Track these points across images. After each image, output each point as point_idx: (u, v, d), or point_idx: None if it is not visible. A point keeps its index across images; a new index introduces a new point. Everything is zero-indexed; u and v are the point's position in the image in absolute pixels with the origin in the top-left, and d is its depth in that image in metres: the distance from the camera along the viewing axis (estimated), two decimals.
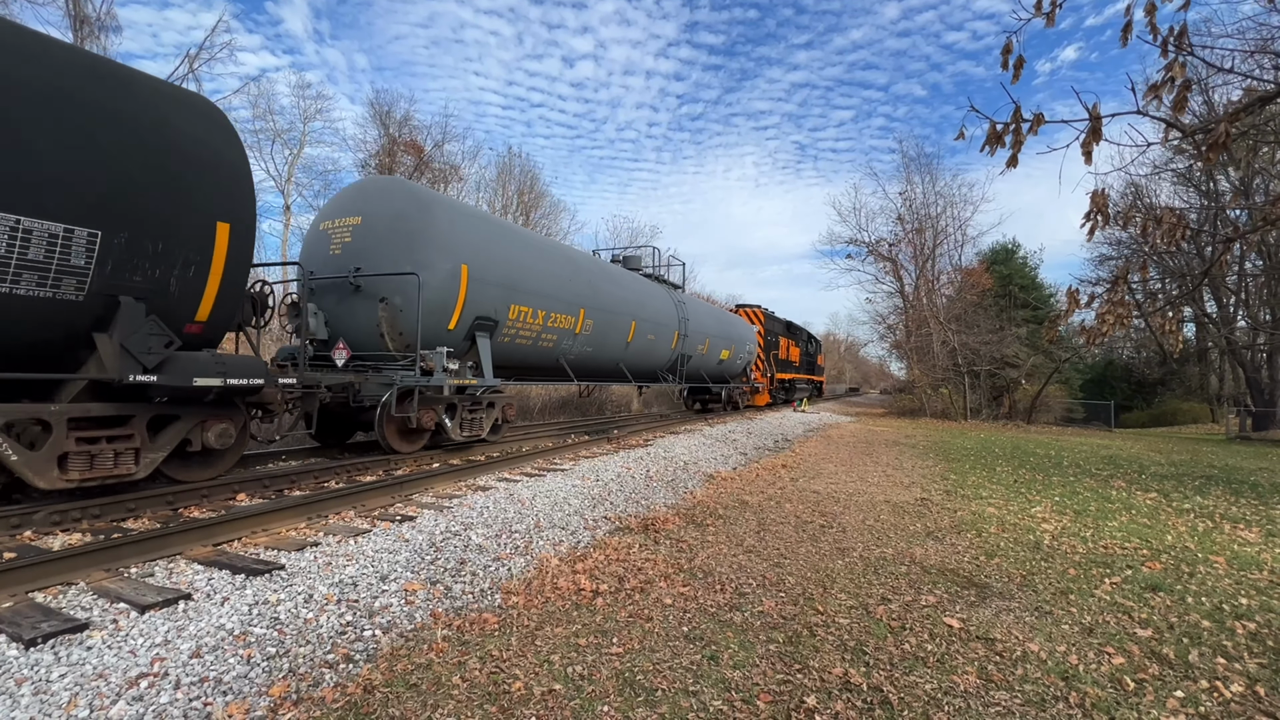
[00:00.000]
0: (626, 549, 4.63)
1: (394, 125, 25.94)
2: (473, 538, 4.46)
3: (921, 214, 32.53)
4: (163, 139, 4.42)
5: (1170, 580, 4.33)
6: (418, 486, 5.81)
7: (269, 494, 5.49)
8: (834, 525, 5.70)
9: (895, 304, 35.58)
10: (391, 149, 25.68)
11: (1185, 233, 3.47)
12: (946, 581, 4.15)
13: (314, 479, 6.05)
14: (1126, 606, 3.78)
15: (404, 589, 3.51)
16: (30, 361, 4.17)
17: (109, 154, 4.11)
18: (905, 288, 33.85)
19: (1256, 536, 5.82)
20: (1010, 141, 2.91)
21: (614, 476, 7.14)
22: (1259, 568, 4.72)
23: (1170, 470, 11.04)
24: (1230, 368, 31.81)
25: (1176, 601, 3.91)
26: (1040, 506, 6.92)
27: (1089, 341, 4.03)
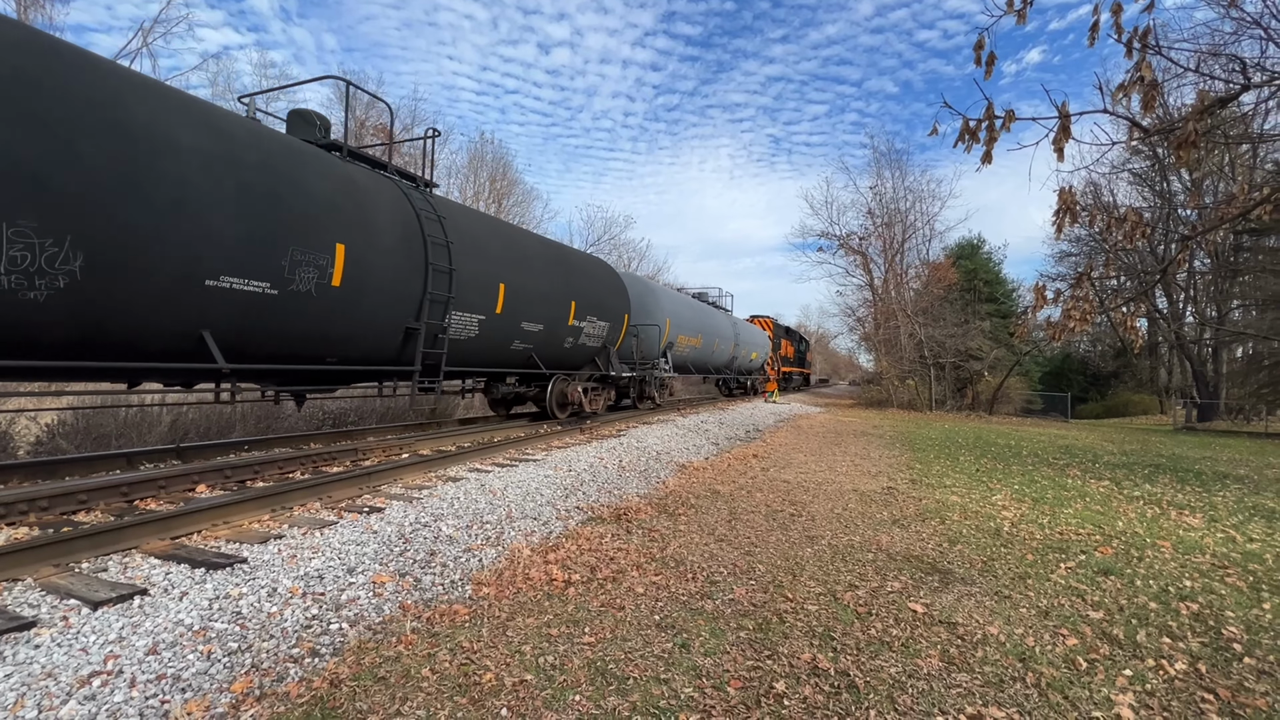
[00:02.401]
0: (599, 539, 4.64)
1: (360, 107, 25.23)
2: (443, 529, 4.41)
3: (891, 209, 33.13)
4: None
5: (1121, 564, 4.52)
6: (386, 477, 5.71)
7: (230, 485, 5.33)
8: (803, 514, 5.79)
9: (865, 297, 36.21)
10: (359, 132, 24.98)
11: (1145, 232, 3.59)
12: (911, 568, 4.26)
13: (278, 470, 5.89)
14: (1080, 590, 3.94)
15: (372, 581, 3.45)
16: None
17: None
18: (874, 281, 34.47)
19: (1199, 522, 6.11)
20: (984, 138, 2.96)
21: (587, 466, 7.13)
22: (1201, 551, 4.96)
23: (1122, 460, 11.50)
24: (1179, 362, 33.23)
25: (1126, 584, 4.08)
26: (1001, 495, 7.14)
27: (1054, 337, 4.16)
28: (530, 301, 8.47)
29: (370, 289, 5.81)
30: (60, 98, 3.73)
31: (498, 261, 7.86)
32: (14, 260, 3.54)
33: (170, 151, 4.23)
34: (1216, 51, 6.39)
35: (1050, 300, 4.19)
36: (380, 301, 5.99)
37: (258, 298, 4.84)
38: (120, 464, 5.80)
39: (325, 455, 6.53)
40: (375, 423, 11.27)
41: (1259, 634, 3.36)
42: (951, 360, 27.65)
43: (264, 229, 4.82)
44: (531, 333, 8.66)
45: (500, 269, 7.87)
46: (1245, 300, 26.95)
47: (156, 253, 4.15)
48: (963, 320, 28.62)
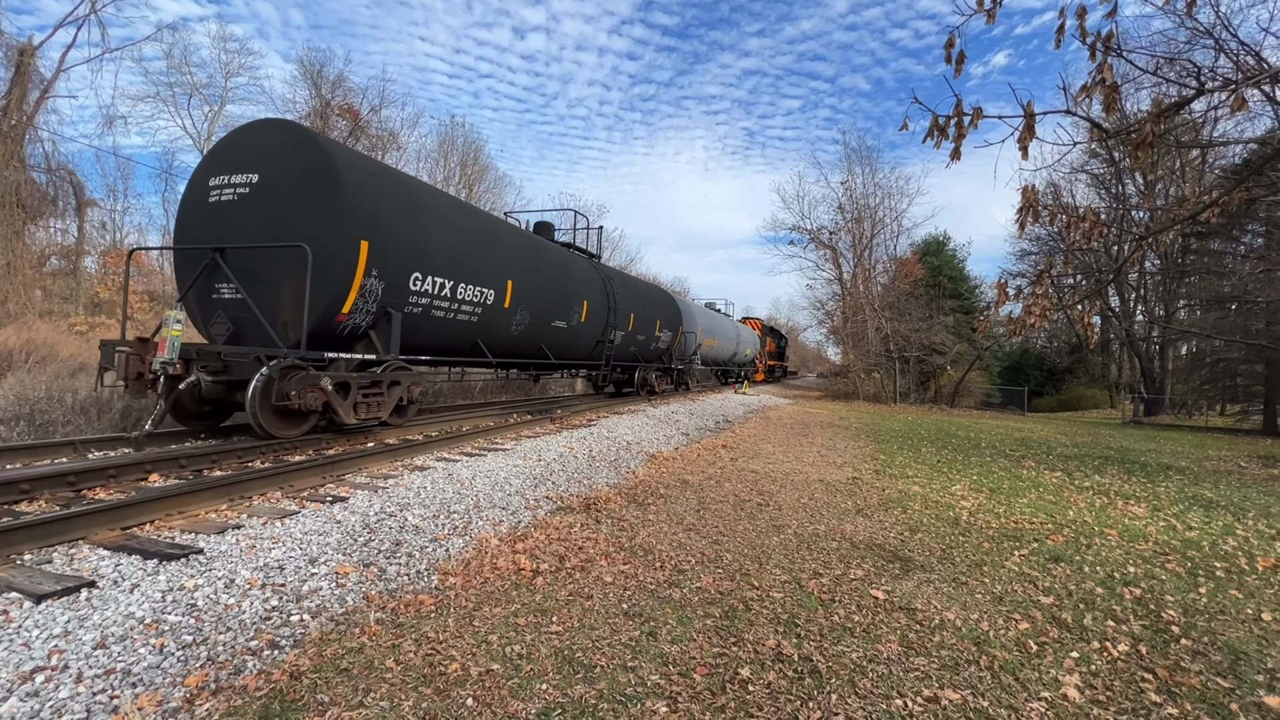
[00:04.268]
0: (568, 528, 4.63)
1: (326, 86, 24.45)
2: (409, 518, 4.35)
3: (861, 204, 33.64)
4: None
5: (1070, 552, 4.71)
6: (350, 466, 5.60)
7: (186, 474, 5.15)
8: (770, 503, 5.88)
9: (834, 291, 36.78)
10: (324, 111, 24.22)
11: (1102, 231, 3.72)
12: (874, 556, 4.36)
13: (236, 458, 5.71)
14: (1032, 576, 4.09)
15: (335, 572, 3.38)
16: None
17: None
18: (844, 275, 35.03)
19: (1144, 511, 6.40)
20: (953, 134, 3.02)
21: (556, 456, 7.10)
22: (1145, 539, 5.20)
23: (1074, 452, 11.97)
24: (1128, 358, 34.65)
25: (1075, 571, 4.26)
26: (960, 485, 7.36)
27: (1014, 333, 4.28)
28: (642, 322, 14.41)
29: (590, 323, 11.59)
30: (492, 231, 8.70)
31: (628, 300, 13.69)
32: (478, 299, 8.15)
33: (502, 246, 8.81)
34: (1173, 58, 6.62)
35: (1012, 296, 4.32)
36: (592, 327, 11.78)
37: (563, 330, 10.60)
38: (67, 452, 5.55)
39: (287, 443, 6.35)
40: None
41: (1195, 617, 3.54)
42: (916, 354, 28.32)
43: (567, 295, 10.55)
44: (639, 340, 14.56)
45: (630, 304, 13.74)
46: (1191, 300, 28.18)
47: (536, 308, 9.46)
48: (927, 315, 29.29)
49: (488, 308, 8.43)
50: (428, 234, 7.21)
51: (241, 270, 6.16)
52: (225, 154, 6.40)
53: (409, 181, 7.44)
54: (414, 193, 7.28)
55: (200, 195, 6.40)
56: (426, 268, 7.17)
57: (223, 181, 6.29)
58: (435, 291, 7.39)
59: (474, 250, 8.11)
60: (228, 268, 6.13)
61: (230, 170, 6.26)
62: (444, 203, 7.95)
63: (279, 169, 6.09)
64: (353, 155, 6.61)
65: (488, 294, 8.36)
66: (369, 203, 6.33)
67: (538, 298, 9.69)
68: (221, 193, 6.26)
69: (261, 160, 6.17)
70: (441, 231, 7.49)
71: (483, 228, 8.58)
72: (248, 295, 6.01)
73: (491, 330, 8.71)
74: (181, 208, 6.54)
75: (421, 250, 7.08)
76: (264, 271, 6.10)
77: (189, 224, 6.47)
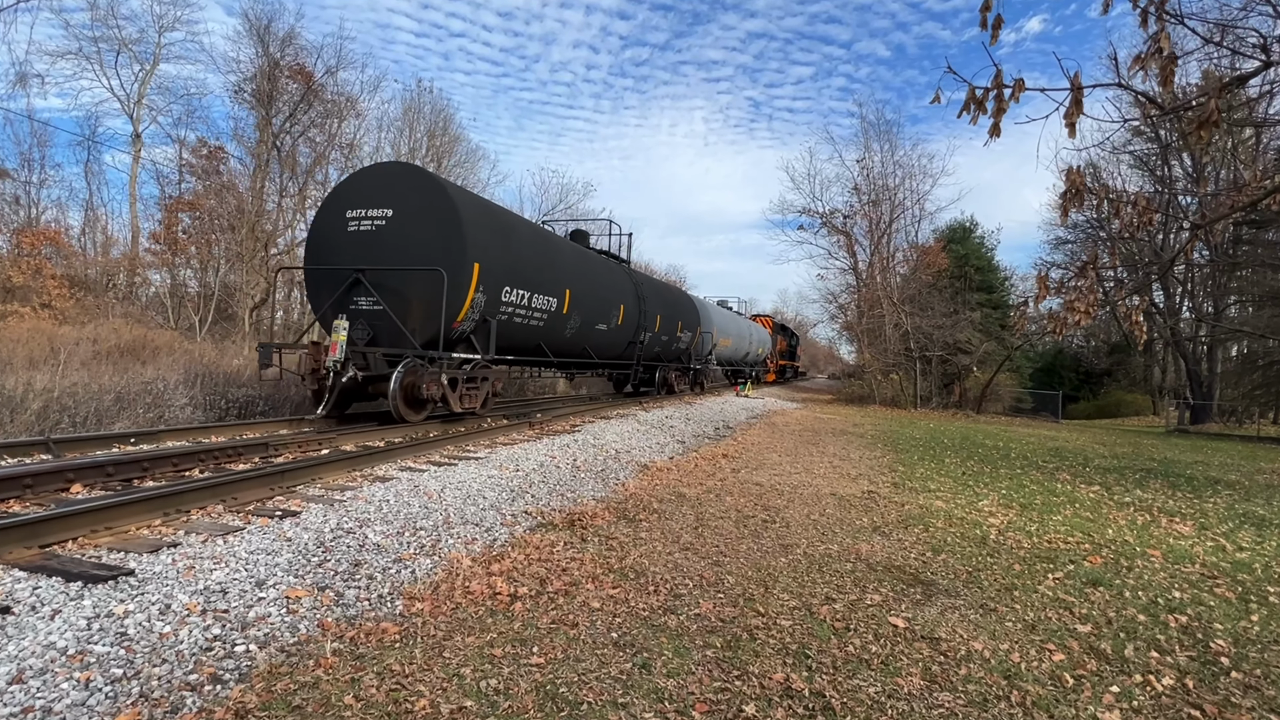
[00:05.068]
0: (550, 547, 4.63)
1: (275, 44, 24.20)
2: (370, 536, 4.33)
3: (879, 185, 33.78)
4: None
5: (1110, 575, 4.77)
6: (302, 476, 5.56)
7: (114, 485, 5.10)
8: (777, 520, 5.91)
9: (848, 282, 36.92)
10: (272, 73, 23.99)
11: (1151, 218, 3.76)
12: (892, 579, 4.40)
13: (172, 466, 5.67)
14: (1068, 602, 4.14)
15: (285, 596, 3.36)
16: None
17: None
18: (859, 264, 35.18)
19: (1190, 530, 6.50)
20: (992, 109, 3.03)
21: (536, 466, 7.10)
22: (1191, 561, 5.28)
23: (1113, 463, 12.12)
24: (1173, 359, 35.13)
25: (1115, 596, 4.32)
26: (987, 500, 7.44)
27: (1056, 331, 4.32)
28: (667, 323, 16.83)
29: (625, 325, 13.75)
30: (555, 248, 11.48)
31: (655, 302, 15.99)
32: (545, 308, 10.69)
33: (561, 258, 11.23)
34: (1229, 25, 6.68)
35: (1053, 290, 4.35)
36: (627, 329, 14.04)
37: (605, 332, 12.74)
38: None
39: (229, 450, 6.31)
40: (290, 412, 10.94)
41: (1246, 647, 3.60)
42: (939, 354, 28.52)
43: (607, 300, 12.64)
44: (663, 341, 16.93)
45: (657, 306, 16.05)
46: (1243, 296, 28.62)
47: (585, 313, 11.84)
48: (952, 310, 29.49)
49: (551, 314, 10.92)
50: (514, 253, 9.74)
51: (379, 286, 8.52)
52: (357, 191, 8.88)
53: (498, 209, 10.38)
54: (502, 218, 10.08)
55: (338, 224, 8.84)
56: (514, 282, 9.67)
57: (360, 214, 8.74)
58: (518, 301, 9.89)
59: (544, 264, 10.68)
60: (369, 284, 8.51)
61: (366, 205, 8.73)
62: (521, 224, 10.88)
63: (409, 205, 8.55)
64: (466, 193, 9.50)
65: (552, 301, 10.88)
66: (477, 231, 8.78)
67: (587, 303, 12.12)
68: (360, 224, 8.74)
69: (394, 198, 8.62)
70: (522, 249, 10.04)
71: (547, 243, 11.27)
72: (387, 306, 8.39)
73: (552, 333, 11.28)
74: (317, 234, 9.09)
75: (510, 267, 9.54)
76: (398, 287, 8.48)
77: (329, 247, 8.90)
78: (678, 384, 19.49)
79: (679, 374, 19.63)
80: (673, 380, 18.98)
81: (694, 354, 20.15)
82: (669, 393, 18.62)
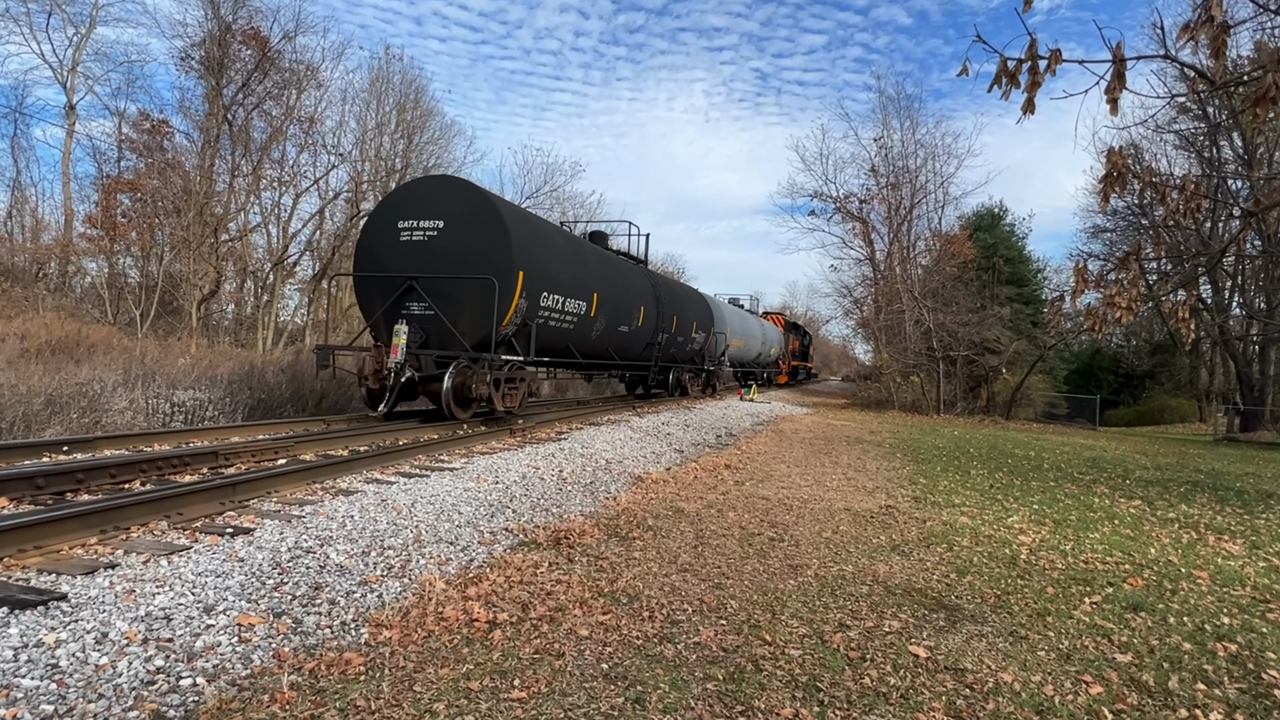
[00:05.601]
0: (533, 568, 4.63)
1: (226, 5, 24.10)
2: (331, 556, 4.31)
3: (899, 166, 33.96)
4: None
5: (1152, 598, 4.80)
6: (257, 489, 5.54)
7: (44, 498, 5.07)
8: (785, 538, 5.92)
9: (864, 274, 37.13)
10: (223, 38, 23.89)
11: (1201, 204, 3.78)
12: (913, 603, 4.42)
13: (110, 478, 5.63)
14: (1106, 629, 4.17)
15: (237, 623, 3.35)
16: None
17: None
18: (876, 255, 35.36)
19: (1240, 549, 6.55)
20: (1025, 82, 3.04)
21: (518, 478, 7.09)
22: (1241, 583, 5.32)
23: (1155, 475, 12.21)
24: (1221, 361, 35.38)
25: (1158, 622, 4.35)
26: (1018, 516, 7.48)
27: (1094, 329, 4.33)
28: (682, 324, 18.14)
29: (644, 326, 15.01)
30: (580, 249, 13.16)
31: (672, 303, 17.37)
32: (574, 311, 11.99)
33: (589, 262, 12.88)
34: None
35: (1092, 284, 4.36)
36: (646, 330, 15.35)
37: (626, 333, 14.28)
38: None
39: (174, 460, 6.28)
40: (243, 418, 10.91)
41: None
42: (964, 353, 28.66)
43: (630, 302, 14.26)
44: (679, 342, 18.30)
45: (674, 307, 17.39)
46: None
47: (609, 315, 13.34)
48: (979, 305, 29.65)
49: (581, 316, 12.34)
50: (550, 260, 11.26)
51: (431, 292, 9.96)
52: (408, 202, 10.38)
53: (536, 219, 12.29)
54: (540, 227, 11.79)
55: (391, 234, 10.31)
56: (551, 287, 11.08)
57: (412, 225, 10.21)
58: (554, 305, 11.33)
59: (576, 269, 12.20)
60: (421, 290, 9.97)
61: (418, 216, 10.21)
62: (554, 231, 12.59)
63: (459, 216, 10.06)
64: (510, 205, 11.40)
65: (582, 305, 12.26)
66: (521, 241, 10.22)
67: (612, 305, 13.56)
68: (412, 234, 10.21)
69: (444, 210, 10.12)
70: (555, 256, 11.56)
71: (576, 248, 12.88)
72: (439, 311, 9.82)
73: (581, 335, 12.70)
74: (368, 243, 10.59)
75: (547, 274, 10.98)
76: (449, 294, 9.92)
77: (380, 255, 10.37)
78: (691, 385, 21.01)
79: (692, 375, 21.17)
80: (686, 382, 20.50)
81: (707, 355, 21.66)
82: (682, 394, 20.25)
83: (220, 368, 13.31)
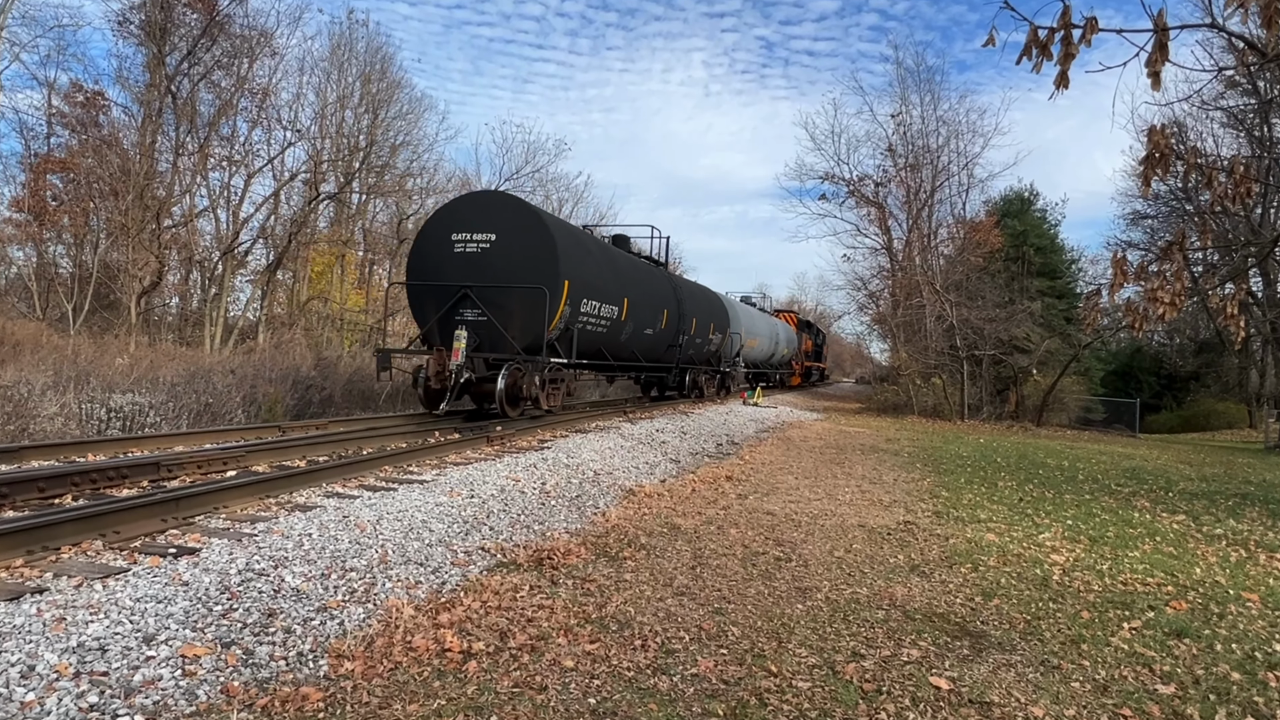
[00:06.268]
0: (512, 592, 4.62)
1: None
2: (287, 578, 4.30)
3: (918, 145, 34.14)
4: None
5: (1198, 623, 4.83)
6: (203, 504, 5.52)
7: None
8: (793, 558, 5.94)
9: (880, 264, 37.27)
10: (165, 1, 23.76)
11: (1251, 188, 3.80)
12: (934, 630, 4.43)
13: (37, 491, 5.60)
14: (1147, 657, 4.19)
15: (180, 655, 3.33)
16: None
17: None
18: (893, 243, 35.47)
19: None
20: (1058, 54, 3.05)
21: (496, 491, 7.08)
22: None
23: (1201, 487, 12.30)
24: (1274, 361, 35.64)
25: (1204, 649, 4.37)
26: (1050, 532, 7.51)
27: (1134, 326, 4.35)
28: (701, 326, 20.00)
29: (667, 328, 17.36)
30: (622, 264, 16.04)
31: (691, 304, 19.27)
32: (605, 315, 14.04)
33: (621, 269, 15.34)
34: None
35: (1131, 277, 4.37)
36: (669, 332, 17.63)
37: (650, 336, 16.53)
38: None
39: (110, 471, 6.25)
40: (189, 425, 10.86)
41: None
42: (991, 353, 28.78)
43: (655, 305, 16.57)
44: (697, 343, 20.12)
45: (693, 309, 19.37)
46: None
47: (637, 318, 15.42)
48: (1007, 300, 29.74)
49: (613, 320, 14.40)
50: (590, 268, 13.28)
51: (483, 299, 11.89)
52: (461, 216, 12.46)
53: (578, 230, 15.02)
54: (580, 238, 14.17)
55: (445, 245, 12.29)
56: (591, 294, 13.14)
57: (465, 237, 12.17)
58: (592, 311, 13.39)
59: (610, 275, 14.39)
60: (475, 298, 11.91)
61: (471, 229, 12.18)
62: (591, 241, 14.99)
63: (510, 229, 12.06)
64: (556, 219, 14.00)
65: (614, 309, 14.32)
66: (566, 252, 12.21)
67: (640, 309, 15.62)
68: (466, 245, 12.17)
69: (496, 223, 12.11)
70: (594, 264, 13.66)
71: (610, 256, 15.18)
72: (492, 318, 11.75)
73: (612, 338, 14.77)
74: (422, 254, 12.69)
75: (587, 281, 12.98)
76: (502, 301, 11.89)
77: (434, 265, 12.36)
78: (706, 387, 23.03)
79: (708, 377, 23.27)
80: (703, 383, 22.57)
81: (723, 356, 23.83)
82: (699, 396, 22.33)
83: (163, 369, 13.27)
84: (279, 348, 19.33)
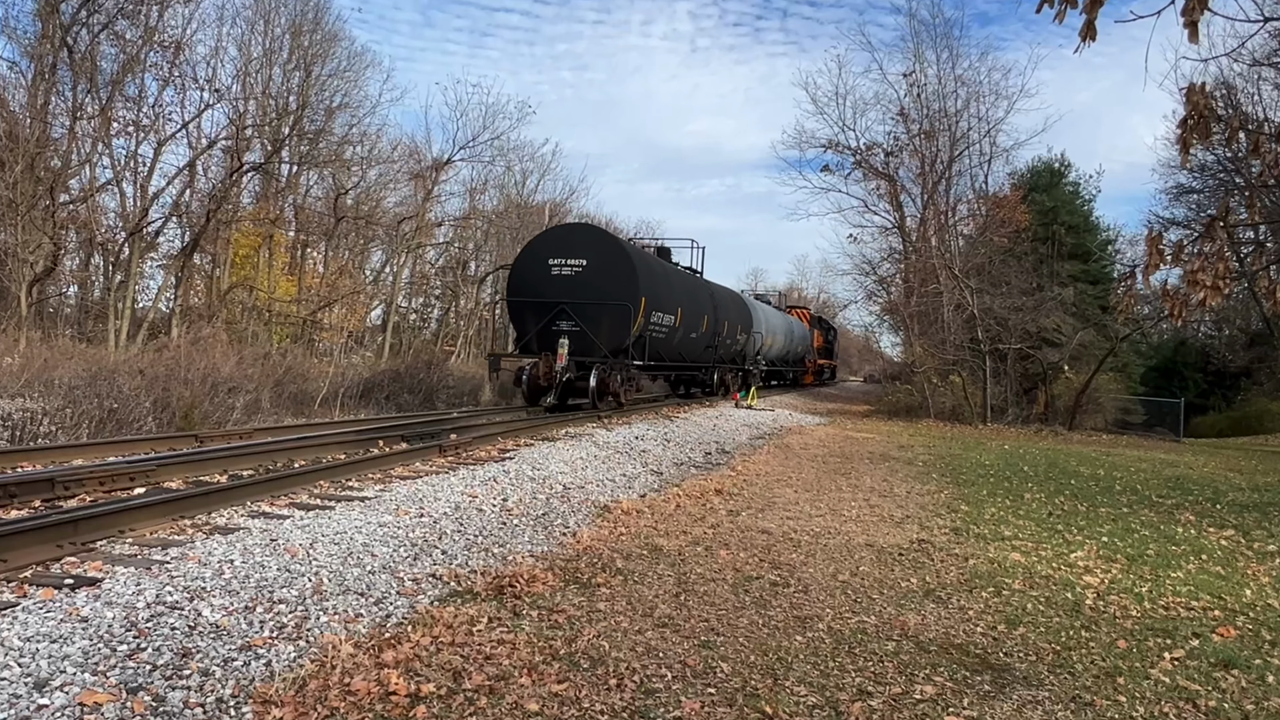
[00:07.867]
0: (467, 626, 4.60)
1: None
2: (205, 613, 4.26)
3: (934, 109, 34.28)
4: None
5: (1248, 652, 4.91)
6: (105, 527, 5.45)
7: None
8: (791, 582, 5.95)
9: (891, 245, 37.43)
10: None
11: None
12: (951, 663, 4.47)
13: None
14: (1191, 691, 4.25)
15: (78, 703, 3.29)
16: None
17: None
18: (906, 221, 35.65)
19: None
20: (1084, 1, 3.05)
21: (449, 509, 7.06)
22: None
23: (1253, 498, 12.50)
24: None
25: (1255, 681, 4.44)
26: (1082, 550, 7.60)
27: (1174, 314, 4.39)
28: (730, 327, 25.38)
29: (706, 332, 23.15)
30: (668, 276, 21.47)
31: (724, 308, 24.89)
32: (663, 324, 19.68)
33: (674, 281, 21.58)
34: None
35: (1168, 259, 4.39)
36: (708, 336, 23.47)
37: (694, 339, 22.34)
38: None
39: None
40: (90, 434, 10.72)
41: None
42: (1017, 347, 28.98)
43: (698, 312, 22.22)
44: (726, 344, 25.39)
45: (725, 312, 24.87)
46: None
47: (686, 325, 21.11)
48: (1035, 286, 29.91)
49: (670, 328, 19.36)
50: (658, 285, 18.49)
51: (578, 314, 16.65)
52: (556, 244, 17.76)
53: (648, 255, 20.63)
54: (650, 261, 19.64)
55: (543, 268, 17.26)
56: (658, 306, 18.27)
57: (561, 262, 17.13)
58: (659, 321, 18.47)
59: (668, 288, 19.43)
60: (570, 312, 16.70)
61: (565, 255, 17.19)
62: (656, 262, 20.24)
63: (597, 255, 17.16)
64: (634, 247, 19.84)
65: (671, 318, 19.27)
66: (643, 275, 17.27)
67: (689, 316, 20.56)
68: (561, 269, 17.11)
69: (586, 250, 17.25)
70: (661, 282, 19.05)
71: (669, 273, 20.77)
72: (585, 329, 16.54)
73: (668, 343, 19.71)
74: (522, 275, 17.86)
75: (657, 296, 18.12)
76: (591, 314, 16.63)
77: (534, 285, 17.36)
78: (731, 385, 27.66)
79: (733, 375, 27.95)
80: (729, 382, 27.36)
81: (747, 355, 28.57)
82: (725, 393, 26.78)
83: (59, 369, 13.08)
84: (196, 344, 19.08)
